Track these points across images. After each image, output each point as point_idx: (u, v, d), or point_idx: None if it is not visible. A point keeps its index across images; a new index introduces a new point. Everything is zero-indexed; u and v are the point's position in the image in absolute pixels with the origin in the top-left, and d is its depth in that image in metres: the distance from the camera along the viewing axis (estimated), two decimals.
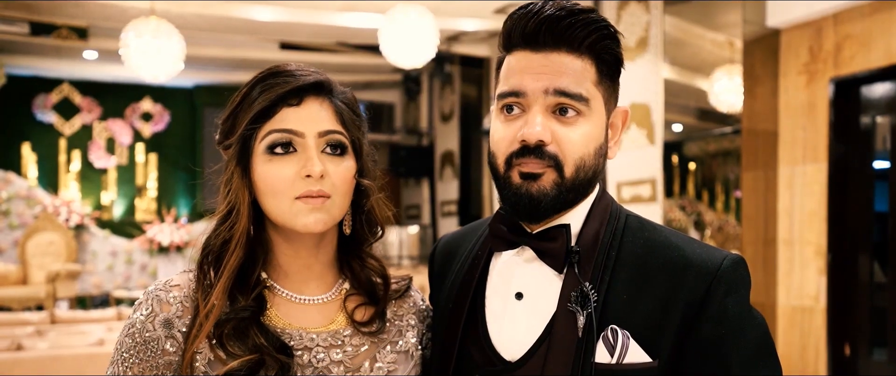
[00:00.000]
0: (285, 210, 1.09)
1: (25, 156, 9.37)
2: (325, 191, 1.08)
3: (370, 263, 1.22)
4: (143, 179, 10.02)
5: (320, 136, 1.10)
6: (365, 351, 1.15)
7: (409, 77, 9.28)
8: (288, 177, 1.08)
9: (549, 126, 1.04)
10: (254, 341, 1.06)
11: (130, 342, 1.07)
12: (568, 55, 1.04)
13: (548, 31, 1.03)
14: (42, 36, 6.91)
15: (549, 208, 1.06)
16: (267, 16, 6.29)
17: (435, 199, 9.17)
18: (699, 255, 1.03)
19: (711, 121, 4.99)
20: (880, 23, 3.67)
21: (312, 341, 1.12)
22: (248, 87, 1.12)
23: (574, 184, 1.06)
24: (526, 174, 1.04)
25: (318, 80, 1.12)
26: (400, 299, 1.25)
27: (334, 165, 1.10)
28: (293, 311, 1.14)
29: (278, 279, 1.16)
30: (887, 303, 3.76)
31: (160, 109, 10.09)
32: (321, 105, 1.12)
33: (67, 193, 9.34)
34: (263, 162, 1.09)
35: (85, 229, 8.84)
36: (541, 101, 1.04)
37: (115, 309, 5.87)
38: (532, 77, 1.04)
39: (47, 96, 9.52)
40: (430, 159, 9.26)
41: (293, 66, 1.13)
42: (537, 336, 1.06)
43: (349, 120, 1.14)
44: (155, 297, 1.10)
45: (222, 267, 1.10)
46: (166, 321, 1.08)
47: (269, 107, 1.09)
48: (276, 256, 1.16)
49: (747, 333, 1.00)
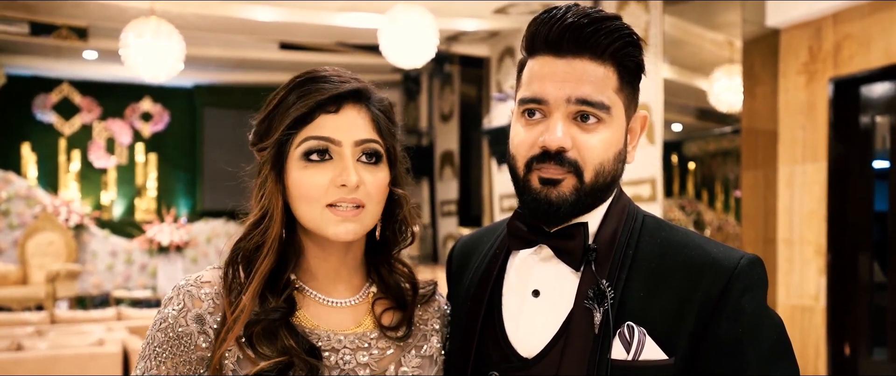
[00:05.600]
0: (317, 217, 1.09)
1: (25, 156, 9.37)
2: (359, 200, 1.08)
3: (399, 269, 1.23)
4: (142, 179, 10.01)
5: (357, 145, 1.09)
6: (391, 354, 1.15)
7: (409, 77, 9.27)
8: (322, 184, 1.08)
9: (570, 132, 1.04)
10: (283, 343, 1.06)
11: (163, 336, 1.07)
12: (591, 62, 1.04)
13: (571, 37, 1.04)
14: (42, 36, 6.90)
15: (567, 213, 1.07)
16: (267, 16, 6.28)
17: (434, 199, 9.17)
18: (716, 255, 1.04)
19: (711, 121, 4.99)
20: (880, 22, 3.67)
21: (340, 343, 1.12)
22: (285, 90, 1.11)
23: (593, 190, 1.07)
24: (545, 180, 1.05)
25: (357, 88, 1.12)
26: (425, 304, 1.25)
27: (369, 174, 1.10)
28: (322, 313, 1.15)
29: (308, 281, 1.16)
30: (887, 303, 3.77)
31: (160, 109, 10.09)
32: (359, 113, 1.11)
33: (67, 193, 9.34)
34: (298, 168, 1.09)
35: (85, 229, 8.84)
36: (562, 109, 1.04)
37: (115, 309, 5.87)
38: (555, 84, 1.04)
39: (47, 96, 9.51)
40: (429, 159, 9.26)
41: (331, 71, 1.13)
42: (554, 332, 1.07)
43: (385, 128, 1.14)
44: (187, 293, 1.09)
45: (254, 270, 1.10)
46: (198, 316, 1.08)
47: (307, 114, 1.08)
48: (306, 259, 1.16)
49: (764, 332, 1.01)
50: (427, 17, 5.23)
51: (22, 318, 5.29)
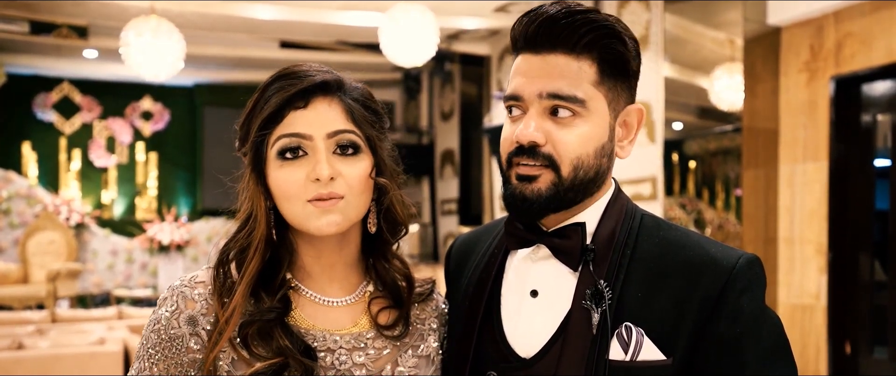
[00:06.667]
0: (299, 213, 1.08)
1: (26, 155, 9.38)
2: (336, 193, 1.07)
3: (395, 264, 1.21)
4: (143, 178, 10.02)
5: (329, 137, 1.08)
6: (387, 354, 1.15)
7: (410, 75, 9.27)
8: (299, 181, 1.07)
9: (544, 127, 1.04)
10: (278, 343, 1.06)
11: (156, 338, 1.08)
12: (564, 57, 1.04)
13: (545, 33, 1.04)
14: (42, 35, 6.90)
15: (542, 209, 1.06)
16: (267, 14, 6.28)
17: (435, 198, 9.17)
18: (715, 254, 1.04)
19: (712, 120, 4.99)
20: (881, 21, 3.66)
21: (336, 343, 1.11)
22: (260, 91, 1.11)
23: (573, 184, 1.06)
24: (522, 176, 1.06)
25: (325, 80, 1.10)
26: (423, 302, 1.24)
27: (347, 166, 1.09)
28: (318, 312, 1.14)
29: (303, 280, 1.16)
30: (888, 302, 3.76)
31: (160, 108, 10.09)
32: (330, 105, 1.10)
33: (68, 192, 9.34)
34: (275, 167, 1.09)
35: (85, 228, 8.85)
36: (536, 104, 1.05)
37: (116, 308, 5.87)
38: (528, 80, 1.05)
39: (47, 95, 9.52)
40: (430, 158, 9.25)
41: (304, 67, 1.11)
42: (552, 333, 1.07)
43: (361, 117, 1.12)
44: (180, 294, 1.09)
45: (242, 273, 1.10)
46: (191, 318, 1.08)
47: (277, 112, 1.08)
48: (300, 257, 1.16)
49: (763, 332, 1.01)
50: (427, 15, 5.23)
51: (23, 317, 5.29)
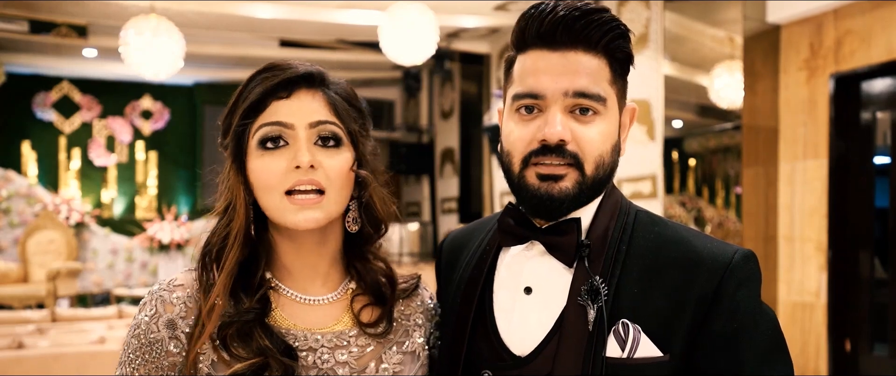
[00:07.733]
0: (277, 205, 1.07)
1: (25, 154, 9.37)
2: (317, 181, 1.06)
3: (375, 264, 1.20)
4: (143, 177, 10.01)
5: (311, 127, 1.08)
6: (371, 351, 1.14)
7: (409, 74, 9.26)
8: (279, 170, 1.06)
9: (569, 125, 1.04)
10: (258, 344, 1.05)
11: (136, 343, 1.07)
12: (585, 54, 1.04)
13: (565, 30, 1.03)
14: (42, 34, 6.89)
15: (569, 208, 1.06)
16: (267, 13, 6.27)
17: (435, 196, 9.17)
18: (710, 250, 1.03)
19: (712, 118, 4.99)
20: (881, 18, 3.66)
21: (317, 342, 1.11)
22: (243, 84, 1.11)
23: (594, 182, 1.06)
24: (545, 176, 1.04)
25: (309, 72, 1.10)
26: (407, 298, 1.23)
27: (328, 158, 1.08)
28: (298, 311, 1.13)
29: (283, 279, 1.15)
30: (888, 299, 3.76)
31: (160, 107, 10.08)
32: (313, 96, 1.10)
33: (67, 191, 9.34)
34: (256, 157, 1.08)
35: (85, 227, 8.84)
36: (560, 102, 1.04)
37: (116, 307, 5.87)
38: (551, 77, 1.04)
39: (47, 94, 9.51)
40: (430, 156, 9.25)
41: (288, 62, 1.12)
42: (547, 330, 1.06)
43: (344, 111, 1.11)
44: (158, 298, 1.09)
45: (222, 265, 1.09)
46: (170, 322, 1.07)
47: (259, 101, 1.08)
48: (279, 256, 1.15)
49: (760, 327, 1.00)
50: (427, 13, 5.23)
51: (23, 317, 5.29)
